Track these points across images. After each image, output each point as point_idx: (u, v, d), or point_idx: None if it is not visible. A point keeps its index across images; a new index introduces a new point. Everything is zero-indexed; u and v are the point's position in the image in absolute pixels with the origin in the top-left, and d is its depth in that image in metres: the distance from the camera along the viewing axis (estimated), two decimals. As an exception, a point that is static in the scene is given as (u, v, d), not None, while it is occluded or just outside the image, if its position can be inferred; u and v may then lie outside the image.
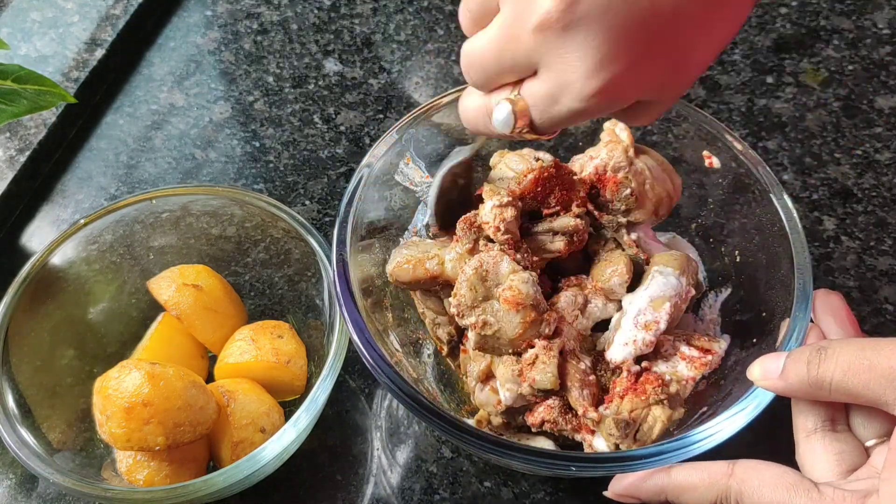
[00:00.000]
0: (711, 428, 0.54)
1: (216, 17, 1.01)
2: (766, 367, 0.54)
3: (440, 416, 0.55)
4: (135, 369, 0.58)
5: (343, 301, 0.59)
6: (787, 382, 0.52)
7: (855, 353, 0.49)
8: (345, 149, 0.88)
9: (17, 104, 0.64)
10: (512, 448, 0.54)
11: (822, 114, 0.90)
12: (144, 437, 0.57)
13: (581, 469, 0.54)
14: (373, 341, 0.57)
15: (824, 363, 0.50)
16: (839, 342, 0.51)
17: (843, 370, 0.49)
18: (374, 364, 0.56)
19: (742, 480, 0.50)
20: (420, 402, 0.55)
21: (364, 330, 0.58)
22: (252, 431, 0.62)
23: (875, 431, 0.52)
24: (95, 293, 0.70)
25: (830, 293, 0.60)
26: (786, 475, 0.50)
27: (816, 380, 0.50)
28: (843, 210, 0.83)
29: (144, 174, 0.87)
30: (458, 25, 0.50)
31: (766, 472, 0.50)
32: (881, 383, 0.48)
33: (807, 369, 0.51)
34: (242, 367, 0.66)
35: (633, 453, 0.54)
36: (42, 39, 0.94)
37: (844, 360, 0.49)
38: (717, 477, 0.51)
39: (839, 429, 0.53)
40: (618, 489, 0.55)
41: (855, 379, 0.48)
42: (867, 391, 0.48)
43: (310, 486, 0.66)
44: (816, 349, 0.51)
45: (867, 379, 0.48)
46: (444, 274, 0.61)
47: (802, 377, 0.51)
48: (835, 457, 0.52)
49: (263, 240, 0.71)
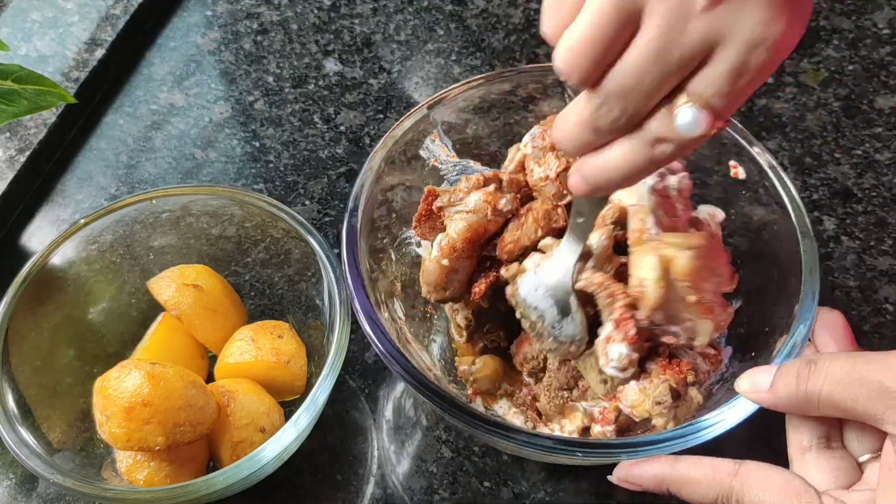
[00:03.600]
0: (716, 416, 0.54)
1: (216, 17, 1.01)
2: (755, 380, 0.53)
3: (444, 396, 0.55)
4: (135, 369, 0.58)
5: (347, 264, 0.61)
6: (776, 396, 0.52)
7: (845, 366, 0.48)
8: (345, 149, 0.88)
9: (17, 104, 0.64)
10: (518, 432, 0.54)
11: (822, 114, 0.90)
12: (144, 437, 0.57)
13: (587, 455, 0.54)
14: (375, 315, 0.59)
15: (813, 376, 0.49)
16: (829, 355, 0.50)
17: (833, 384, 0.48)
18: (372, 332, 0.58)
19: (746, 482, 0.50)
20: (426, 385, 0.56)
21: (364, 299, 0.59)
22: (252, 431, 0.62)
23: (869, 447, 0.52)
24: (95, 293, 0.69)
25: (830, 311, 0.59)
26: (791, 481, 0.49)
27: (805, 394, 0.50)
28: (843, 210, 0.83)
29: (144, 174, 0.87)
30: (458, 25, 0.50)
31: (770, 476, 0.50)
32: (871, 398, 0.47)
33: (796, 383, 0.50)
34: (242, 367, 0.66)
35: (639, 440, 0.54)
36: (42, 39, 0.94)
37: (834, 374, 0.48)
38: (721, 475, 0.51)
39: (834, 445, 0.52)
40: (621, 474, 0.55)
41: (844, 393, 0.48)
42: (857, 406, 0.48)
43: (310, 486, 0.66)
44: (806, 362, 0.50)
45: (857, 393, 0.47)
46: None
47: (791, 391, 0.50)
48: (830, 474, 0.51)
49: (263, 240, 0.71)
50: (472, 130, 0.73)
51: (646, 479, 0.54)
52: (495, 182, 0.65)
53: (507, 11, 0.99)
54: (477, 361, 0.67)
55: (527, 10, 0.99)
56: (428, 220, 0.65)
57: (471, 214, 0.62)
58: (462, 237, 0.61)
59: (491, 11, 0.99)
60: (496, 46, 0.96)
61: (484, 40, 0.97)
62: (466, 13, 0.99)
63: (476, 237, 0.62)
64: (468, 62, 0.95)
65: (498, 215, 0.62)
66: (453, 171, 0.72)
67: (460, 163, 0.72)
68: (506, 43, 0.97)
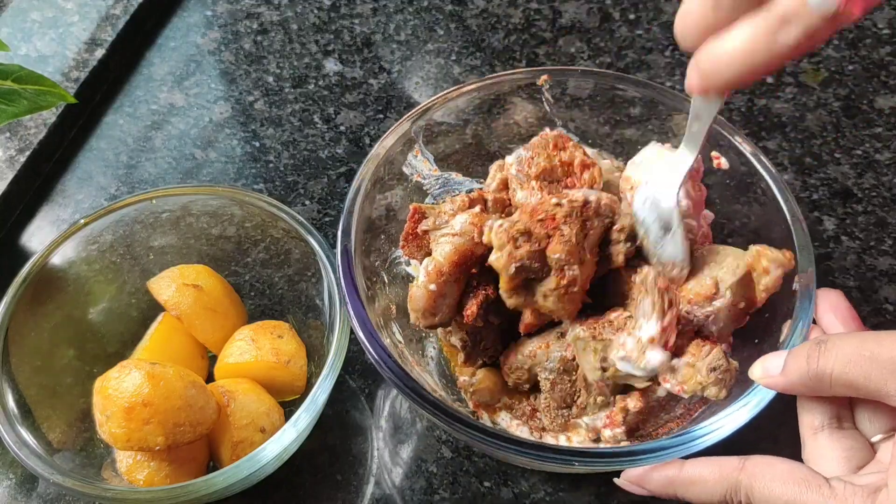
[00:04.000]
0: (714, 424, 0.54)
1: (216, 17, 1.01)
2: (767, 366, 0.54)
3: (442, 408, 0.55)
4: (135, 369, 0.58)
5: (347, 292, 0.60)
6: (788, 379, 0.52)
7: (855, 345, 0.49)
8: (345, 149, 0.88)
9: (17, 104, 0.64)
10: (514, 443, 0.54)
11: (822, 114, 0.90)
12: (144, 437, 0.57)
13: (584, 464, 0.54)
14: (375, 333, 0.58)
15: (824, 356, 0.50)
16: (839, 336, 0.51)
17: (844, 363, 0.49)
18: (378, 357, 0.57)
19: (753, 475, 0.50)
20: (423, 396, 0.56)
21: (367, 321, 0.59)
22: (252, 431, 0.62)
23: (880, 427, 0.52)
24: (96, 293, 0.70)
25: (831, 291, 0.59)
26: (797, 470, 0.49)
27: (817, 374, 0.50)
28: (843, 210, 0.83)
29: (144, 174, 0.87)
30: (458, 25, 0.50)
31: (777, 467, 0.50)
32: (882, 374, 0.47)
33: (807, 363, 0.50)
34: (242, 367, 0.66)
35: (636, 448, 0.54)
36: (42, 39, 0.94)
37: (845, 353, 0.49)
38: (727, 471, 0.51)
39: (845, 426, 0.53)
40: (629, 478, 0.55)
41: (856, 371, 0.48)
42: (868, 383, 0.48)
43: (310, 486, 0.66)
44: (816, 343, 0.51)
45: (868, 370, 0.48)
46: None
47: (803, 372, 0.51)
48: (842, 453, 0.52)
49: (263, 240, 0.71)
50: (451, 141, 0.73)
51: (654, 483, 0.54)
52: (480, 203, 0.65)
53: (507, 11, 0.99)
54: (477, 373, 0.67)
55: (527, 10, 0.99)
56: (415, 240, 0.65)
57: (457, 237, 0.61)
58: (449, 261, 0.60)
59: (491, 11, 0.99)
60: (496, 46, 0.96)
61: (484, 40, 0.97)
62: (466, 13, 0.99)
63: (463, 260, 0.61)
64: (468, 62, 0.95)
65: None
66: (436, 184, 0.72)
67: (442, 175, 0.72)
68: (506, 43, 0.97)
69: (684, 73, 0.47)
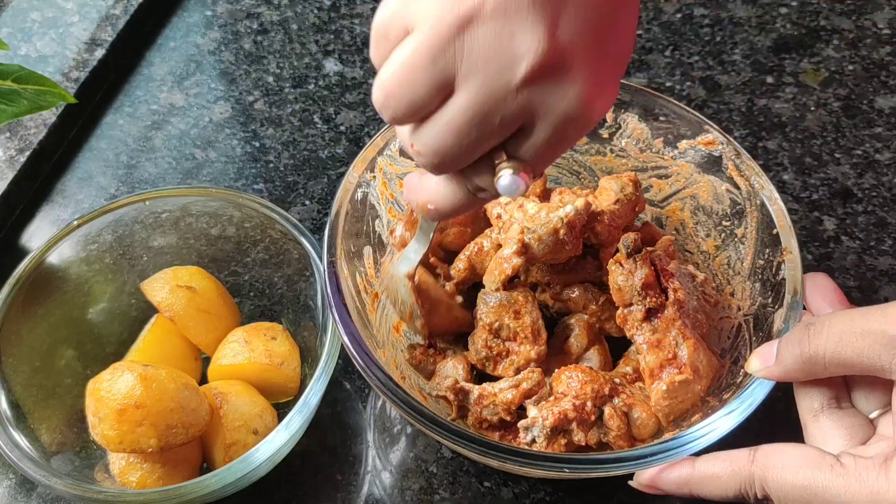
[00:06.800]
0: (705, 427, 0.54)
1: (216, 17, 1.01)
2: (761, 356, 0.54)
3: (437, 421, 0.55)
4: (127, 371, 0.58)
5: (334, 305, 0.59)
6: (783, 366, 0.52)
7: (845, 322, 0.49)
8: (345, 149, 0.88)
9: (17, 104, 0.65)
10: (506, 451, 0.54)
11: (822, 114, 0.90)
12: (137, 439, 0.57)
13: (574, 470, 0.53)
14: (365, 346, 0.58)
15: (815, 338, 0.50)
16: (828, 316, 0.51)
17: (836, 341, 0.49)
18: (367, 368, 0.57)
19: (764, 466, 0.50)
20: (412, 406, 0.55)
21: (356, 335, 0.58)
22: (245, 433, 0.62)
23: (877, 403, 0.53)
24: (94, 293, 0.70)
25: (818, 275, 0.60)
26: (807, 453, 0.49)
27: (810, 357, 0.50)
28: (843, 210, 0.82)
29: (144, 174, 0.87)
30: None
31: (787, 454, 0.50)
32: (875, 349, 0.48)
33: (799, 348, 0.51)
34: (236, 369, 0.66)
35: (627, 454, 0.54)
36: (42, 39, 0.94)
37: (835, 332, 0.49)
38: (739, 465, 0.51)
39: (844, 405, 0.53)
40: (642, 480, 0.55)
41: (848, 348, 0.49)
42: (862, 358, 0.48)
43: (309, 487, 0.67)
44: (805, 326, 0.51)
45: (861, 346, 0.48)
46: None
47: (796, 357, 0.51)
48: (845, 432, 0.52)
49: (263, 240, 0.71)
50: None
51: (668, 484, 0.54)
52: None
53: (508, 11, 0.99)
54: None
55: (527, 10, 0.99)
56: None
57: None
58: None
59: (491, 11, 0.99)
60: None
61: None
62: (467, 12, 0.99)
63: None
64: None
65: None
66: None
67: None
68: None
69: (684, 73, 0.47)
